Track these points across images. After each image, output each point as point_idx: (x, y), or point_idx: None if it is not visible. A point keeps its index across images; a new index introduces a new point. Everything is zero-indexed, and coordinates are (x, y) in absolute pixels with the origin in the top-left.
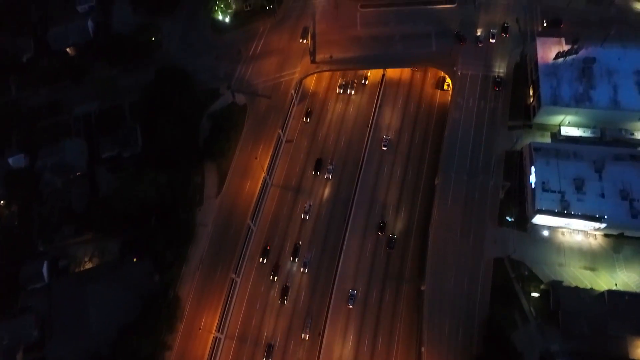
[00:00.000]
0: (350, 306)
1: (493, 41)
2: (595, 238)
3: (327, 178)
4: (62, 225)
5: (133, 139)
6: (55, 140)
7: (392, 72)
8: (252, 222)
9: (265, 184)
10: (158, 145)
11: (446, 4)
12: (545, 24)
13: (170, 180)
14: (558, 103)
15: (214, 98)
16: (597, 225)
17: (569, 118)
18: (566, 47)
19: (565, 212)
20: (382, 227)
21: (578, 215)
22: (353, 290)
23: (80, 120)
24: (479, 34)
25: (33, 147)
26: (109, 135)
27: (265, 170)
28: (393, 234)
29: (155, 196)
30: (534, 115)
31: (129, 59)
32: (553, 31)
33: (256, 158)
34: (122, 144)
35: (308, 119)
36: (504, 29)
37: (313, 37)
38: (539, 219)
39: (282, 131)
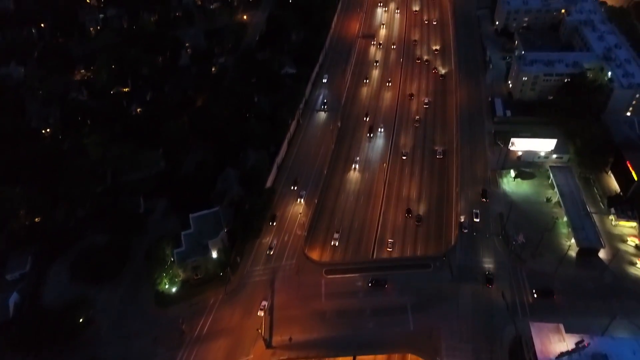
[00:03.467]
0: None
1: None
2: None
3: None
4: None
5: None
6: None
7: None
8: None
9: None
10: None
11: (420, 268)
12: (535, 295)
13: None
14: None
15: None
16: None
17: None
18: (566, 337)
19: None
20: None
21: None
22: None
23: None
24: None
25: None
26: None
27: None
28: None
29: None
30: None
31: (48, 346)
32: (545, 304)
33: None
34: None
35: None
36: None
37: (270, 313)
38: None
39: None
